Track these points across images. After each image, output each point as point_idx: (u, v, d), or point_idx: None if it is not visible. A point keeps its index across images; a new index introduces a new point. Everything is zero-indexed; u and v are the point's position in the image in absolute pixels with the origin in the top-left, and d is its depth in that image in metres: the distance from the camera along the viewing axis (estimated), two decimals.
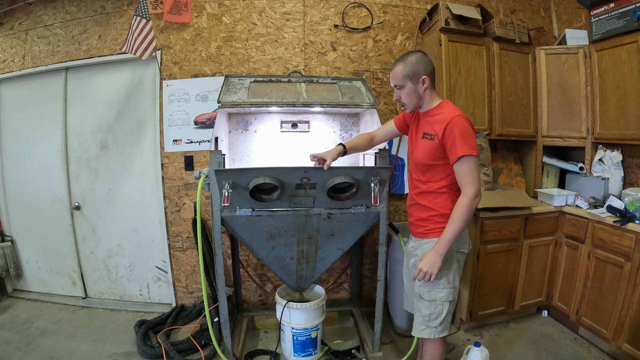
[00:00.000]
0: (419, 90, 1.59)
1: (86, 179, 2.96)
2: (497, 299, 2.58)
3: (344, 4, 2.74)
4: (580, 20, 2.85)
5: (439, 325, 1.62)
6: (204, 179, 2.00)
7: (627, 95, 2.37)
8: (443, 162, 1.57)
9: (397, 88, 1.63)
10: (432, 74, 1.61)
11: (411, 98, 1.62)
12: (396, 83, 1.61)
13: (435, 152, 1.56)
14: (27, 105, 2.98)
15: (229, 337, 2.15)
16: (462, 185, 1.53)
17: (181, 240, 2.86)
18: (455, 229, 1.50)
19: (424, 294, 1.62)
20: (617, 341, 2.15)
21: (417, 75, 1.57)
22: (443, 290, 1.61)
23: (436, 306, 1.61)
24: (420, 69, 1.57)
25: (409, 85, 1.59)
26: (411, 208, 1.74)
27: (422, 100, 1.63)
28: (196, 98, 2.74)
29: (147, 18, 2.41)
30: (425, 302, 1.62)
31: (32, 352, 2.33)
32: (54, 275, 3.12)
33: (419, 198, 1.67)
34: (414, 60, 1.57)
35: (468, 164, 1.49)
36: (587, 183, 2.61)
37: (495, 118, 2.70)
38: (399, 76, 1.59)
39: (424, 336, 1.65)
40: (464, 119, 1.53)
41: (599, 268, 2.28)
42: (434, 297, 1.61)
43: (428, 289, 1.61)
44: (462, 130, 1.49)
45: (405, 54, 1.62)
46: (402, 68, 1.58)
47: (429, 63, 1.60)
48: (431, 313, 1.61)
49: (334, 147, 1.88)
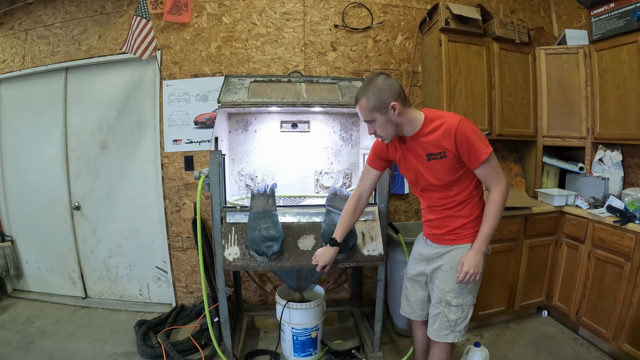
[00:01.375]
0: (392, 119, 1.47)
1: (86, 179, 2.96)
2: (497, 299, 2.58)
3: (344, 4, 2.74)
4: (580, 20, 2.85)
5: (463, 329, 1.60)
6: (204, 179, 2.00)
7: (627, 95, 2.37)
8: (464, 170, 1.51)
9: (369, 123, 1.52)
10: (401, 94, 1.47)
11: (386, 129, 1.50)
12: (365, 118, 1.50)
13: (454, 165, 1.49)
14: (27, 105, 2.98)
15: (229, 337, 2.15)
16: (490, 183, 1.49)
17: (181, 240, 2.86)
18: (494, 224, 1.49)
19: (452, 300, 1.58)
20: (617, 341, 2.14)
21: (384, 104, 1.44)
22: (469, 295, 1.58)
23: (463, 310, 1.59)
24: (386, 96, 1.44)
25: (379, 117, 1.47)
26: (438, 221, 1.63)
27: (401, 127, 1.51)
28: (196, 98, 2.74)
29: (147, 18, 2.41)
30: (453, 307, 1.58)
31: (32, 352, 2.33)
32: (54, 275, 3.12)
33: (452, 211, 1.58)
34: (376, 89, 1.45)
35: (491, 163, 1.46)
36: (587, 183, 2.61)
37: (495, 118, 2.70)
38: (366, 110, 1.48)
39: (447, 340, 1.61)
40: (466, 121, 1.46)
41: (599, 268, 2.28)
42: (461, 302, 1.58)
43: (456, 294, 1.57)
44: (472, 134, 1.43)
45: (366, 83, 1.49)
46: (367, 101, 1.46)
47: (394, 85, 1.46)
48: (458, 318, 1.59)
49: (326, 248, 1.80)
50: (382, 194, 2.08)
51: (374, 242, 2.02)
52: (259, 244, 1.86)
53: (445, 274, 1.60)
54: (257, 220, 1.90)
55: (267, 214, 1.92)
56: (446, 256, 1.61)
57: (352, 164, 2.62)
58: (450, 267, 1.59)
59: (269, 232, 1.87)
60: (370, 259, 2.00)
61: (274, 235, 1.87)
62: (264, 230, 1.87)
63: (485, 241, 1.51)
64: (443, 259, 1.62)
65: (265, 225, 1.88)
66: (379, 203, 2.10)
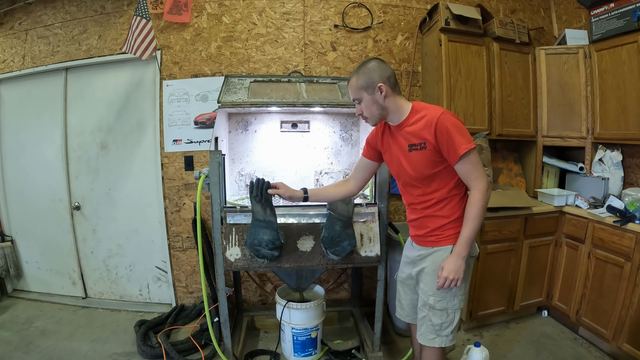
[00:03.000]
0: (378, 100, 1.48)
1: (86, 179, 2.96)
2: (497, 299, 2.58)
3: (344, 4, 2.74)
4: (580, 20, 2.85)
5: (450, 334, 1.56)
6: (204, 179, 2.00)
7: (627, 95, 2.37)
8: (445, 166, 1.48)
9: (356, 102, 1.54)
10: (391, 78, 1.49)
11: (372, 110, 1.51)
12: (353, 97, 1.53)
13: (433, 159, 1.46)
14: (27, 105, 2.98)
15: (229, 337, 2.14)
16: (469, 181, 1.45)
17: (181, 240, 2.86)
18: (475, 227, 1.45)
19: (436, 304, 1.54)
20: (617, 341, 2.14)
21: (372, 84, 1.47)
22: (455, 298, 1.54)
23: (448, 314, 1.54)
24: (375, 77, 1.46)
25: (366, 96, 1.49)
26: (419, 221, 1.61)
27: (386, 111, 1.51)
28: (196, 98, 2.74)
29: (147, 18, 2.41)
30: (437, 311, 1.54)
31: (32, 352, 2.33)
32: (54, 275, 3.12)
33: (431, 210, 1.55)
34: (367, 70, 1.48)
35: (470, 159, 1.42)
36: (587, 183, 2.61)
37: (495, 118, 2.70)
38: (354, 88, 1.50)
39: (434, 345, 1.58)
40: (449, 114, 1.44)
41: (599, 268, 2.28)
42: (446, 305, 1.53)
43: (440, 297, 1.53)
44: (453, 127, 1.40)
45: (361, 64, 1.52)
46: (356, 80, 1.49)
47: (386, 69, 1.49)
48: (443, 322, 1.54)
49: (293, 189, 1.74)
50: (382, 194, 2.08)
51: (371, 243, 2.02)
52: (259, 251, 1.88)
53: (428, 276, 1.58)
54: (256, 228, 1.88)
55: (268, 224, 1.88)
56: (428, 258, 1.59)
57: (352, 164, 2.62)
58: (432, 269, 1.56)
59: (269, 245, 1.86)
60: (367, 260, 2.00)
61: (275, 246, 1.87)
62: (264, 243, 1.86)
63: (466, 245, 1.46)
64: (426, 261, 1.60)
65: (266, 237, 1.85)
66: (378, 203, 2.09)
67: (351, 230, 1.96)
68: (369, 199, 2.21)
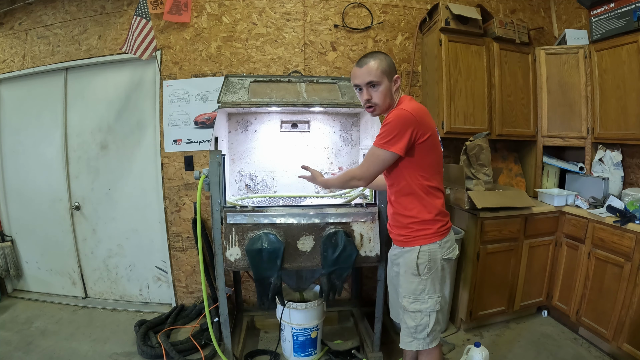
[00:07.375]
0: (392, 90, 1.49)
1: (86, 179, 2.96)
2: (497, 299, 2.58)
3: (344, 4, 2.74)
4: (580, 20, 2.85)
5: (427, 337, 1.53)
6: (204, 179, 2.00)
7: (627, 95, 2.37)
8: (401, 161, 1.49)
9: (371, 85, 1.48)
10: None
11: (384, 98, 1.49)
12: (372, 79, 1.46)
13: None
14: (27, 105, 2.98)
15: (229, 337, 2.14)
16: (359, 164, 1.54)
17: (181, 240, 2.86)
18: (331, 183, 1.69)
19: (408, 306, 1.54)
20: (617, 341, 2.14)
21: (392, 72, 1.47)
22: (428, 301, 1.52)
23: (422, 317, 1.52)
24: (394, 67, 1.48)
25: (386, 82, 1.46)
26: (391, 217, 1.66)
27: (392, 104, 1.53)
28: (196, 98, 2.74)
29: (147, 18, 2.41)
30: (410, 313, 1.54)
31: (32, 352, 2.33)
32: (54, 275, 3.12)
33: (397, 207, 1.58)
34: (383, 57, 1.47)
35: (374, 151, 1.45)
36: (587, 183, 2.61)
37: (495, 118, 2.70)
38: (376, 71, 1.44)
39: (412, 348, 1.56)
40: (404, 110, 1.41)
41: (599, 268, 2.28)
42: (419, 308, 1.52)
43: (412, 300, 1.53)
44: (393, 119, 1.40)
45: (370, 52, 1.52)
46: (379, 63, 1.45)
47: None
48: (417, 325, 1.53)
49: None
50: (382, 193, 2.08)
51: (371, 243, 2.02)
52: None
53: (401, 278, 1.58)
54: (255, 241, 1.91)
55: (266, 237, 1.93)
56: (401, 259, 1.60)
57: (352, 164, 2.62)
58: (404, 271, 1.56)
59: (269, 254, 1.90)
60: (367, 260, 2.00)
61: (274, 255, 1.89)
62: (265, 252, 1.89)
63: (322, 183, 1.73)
64: (399, 261, 1.61)
65: (267, 247, 1.88)
66: (378, 203, 2.09)
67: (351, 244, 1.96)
68: (369, 199, 2.21)
